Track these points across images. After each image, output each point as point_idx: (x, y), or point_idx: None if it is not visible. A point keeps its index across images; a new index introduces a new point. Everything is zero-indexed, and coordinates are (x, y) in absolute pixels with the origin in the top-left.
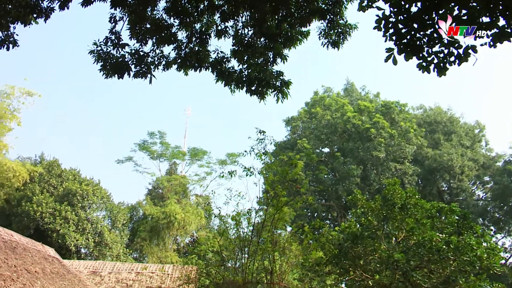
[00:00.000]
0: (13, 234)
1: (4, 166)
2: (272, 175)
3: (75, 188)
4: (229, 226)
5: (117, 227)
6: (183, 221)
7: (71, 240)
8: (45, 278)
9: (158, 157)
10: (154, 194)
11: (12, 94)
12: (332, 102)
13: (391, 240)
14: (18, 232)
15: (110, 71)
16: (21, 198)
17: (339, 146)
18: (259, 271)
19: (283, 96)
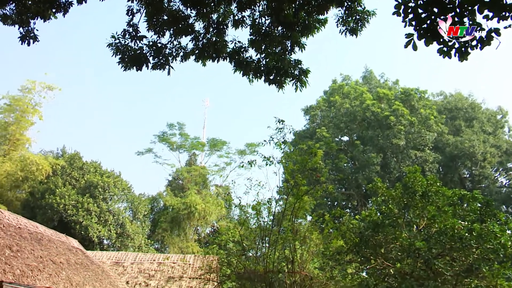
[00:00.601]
0: (38, 226)
1: (28, 159)
2: (292, 164)
3: (96, 180)
4: (249, 215)
5: (138, 218)
6: (204, 212)
7: (94, 231)
8: (70, 268)
9: (178, 148)
10: (174, 185)
11: (33, 88)
12: (350, 90)
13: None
14: (43, 224)
15: (129, 63)
16: (44, 191)
17: (358, 134)
18: (280, 260)
19: (302, 85)
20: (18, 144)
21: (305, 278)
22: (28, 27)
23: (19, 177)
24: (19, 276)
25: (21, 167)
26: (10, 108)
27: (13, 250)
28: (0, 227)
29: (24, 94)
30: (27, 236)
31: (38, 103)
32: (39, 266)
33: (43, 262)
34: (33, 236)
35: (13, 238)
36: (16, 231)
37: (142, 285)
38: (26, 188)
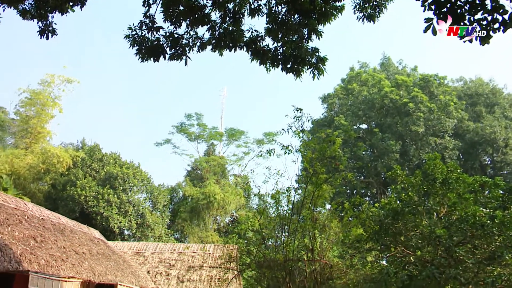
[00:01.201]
0: (60, 217)
1: (49, 152)
2: (311, 153)
3: (116, 171)
4: (268, 204)
5: (158, 209)
6: (223, 201)
7: (115, 222)
8: (92, 258)
9: (196, 139)
10: (193, 175)
11: (52, 82)
12: (368, 77)
13: (432, 215)
14: (65, 215)
15: (146, 54)
16: (65, 182)
17: (377, 122)
18: (300, 248)
19: (319, 73)
20: (39, 137)
21: (325, 266)
22: (46, 21)
23: (41, 170)
24: (44, 266)
25: (43, 160)
26: (30, 102)
27: (38, 241)
28: (25, 218)
29: (44, 87)
30: (50, 227)
31: (57, 96)
32: (62, 256)
33: (66, 253)
34: (56, 227)
35: (37, 229)
36: (39, 222)
37: (163, 274)
38: (48, 180)
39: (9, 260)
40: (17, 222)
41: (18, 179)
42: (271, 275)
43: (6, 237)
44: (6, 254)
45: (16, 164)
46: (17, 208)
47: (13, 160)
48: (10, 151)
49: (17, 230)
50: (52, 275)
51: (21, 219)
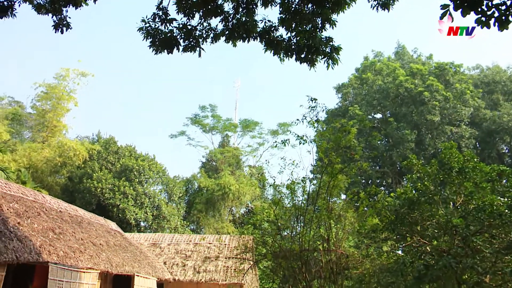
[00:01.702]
0: (77, 210)
1: (65, 145)
2: (326, 143)
3: (131, 164)
4: (284, 195)
5: (174, 200)
6: (238, 192)
7: (131, 214)
8: (109, 250)
9: (210, 130)
10: (208, 166)
11: (67, 76)
12: (383, 66)
13: (449, 205)
14: (82, 207)
15: (160, 46)
16: (82, 175)
17: (391, 111)
18: (315, 239)
19: (334, 62)
20: (55, 130)
21: (341, 256)
22: (61, 15)
23: (58, 163)
24: (63, 257)
25: (59, 153)
26: (46, 96)
27: (56, 233)
28: (43, 210)
29: (59, 81)
30: (68, 219)
31: (72, 89)
32: (80, 247)
33: (84, 244)
34: (73, 219)
35: (55, 221)
36: (57, 215)
37: (179, 265)
38: (64, 173)
39: (30, 252)
40: (36, 215)
41: (36, 172)
42: (287, 265)
43: (26, 229)
44: (27, 246)
45: (33, 158)
46: (36, 201)
47: (30, 153)
48: (28, 145)
49: (36, 222)
50: (70, 266)
51: (39, 212)
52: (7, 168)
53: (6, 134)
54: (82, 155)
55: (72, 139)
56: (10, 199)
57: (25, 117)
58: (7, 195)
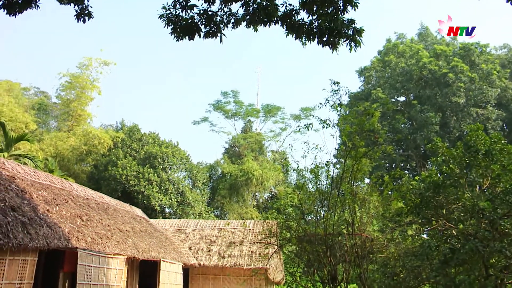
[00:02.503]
0: (103, 197)
1: (90, 134)
2: (349, 127)
3: (155, 151)
4: (307, 179)
5: (198, 186)
6: (261, 178)
7: (156, 200)
8: (136, 236)
9: (233, 116)
10: (231, 152)
11: (90, 65)
12: (406, 48)
13: (475, 188)
14: (108, 194)
15: (181, 33)
16: (107, 163)
17: (415, 93)
18: (340, 223)
19: (356, 45)
20: (80, 119)
21: (366, 240)
22: (82, 5)
23: (83, 151)
24: (91, 243)
25: (84, 141)
26: (70, 85)
27: (84, 220)
28: (71, 198)
29: (82, 70)
30: (94, 206)
31: (96, 78)
32: (107, 234)
33: (111, 230)
34: (100, 206)
35: (83, 208)
36: (84, 202)
37: (204, 251)
38: (90, 161)
39: (59, 238)
40: (64, 202)
41: (62, 160)
42: (311, 249)
43: (55, 216)
44: (56, 232)
45: (59, 146)
46: (63, 189)
47: (57, 142)
48: (54, 134)
49: (64, 209)
50: (98, 252)
51: (67, 199)
52: (35, 157)
53: (33, 124)
54: (107, 143)
55: (97, 128)
56: (39, 187)
57: (51, 107)
58: (36, 183)
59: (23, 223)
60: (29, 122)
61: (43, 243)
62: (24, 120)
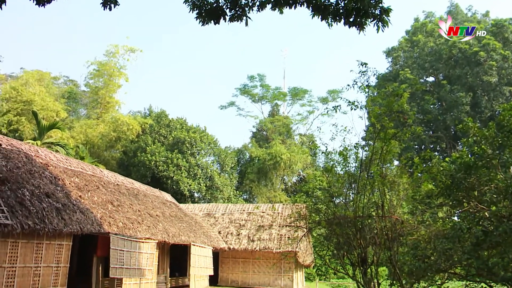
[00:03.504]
0: (133, 182)
1: (119, 120)
2: (377, 108)
3: (183, 136)
4: (336, 162)
5: (226, 171)
6: (289, 161)
7: (185, 185)
8: (166, 220)
9: (260, 100)
10: (258, 136)
11: (117, 52)
12: (434, 27)
13: (508, 169)
14: (137, 180)
15: (206, 17)
16: (136, 149)
17: (444, 73)
18: (369, 205)
19: (384, 25)
20: (108, 106)
21: (396, 223)
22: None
23: (113, 138)
24: (122, 228)
25: (113, 128)
26: (98, 73)
27: (115, 205)
28: (102, 184)
29: (109, 58)
30: (125, 192)
31: (123, 66)
32: (138, 219)
33: (141, 215)
34: (130, 191)
35: (113, 194)
36: (115, 188)
37: (234, 234)
38: (119, 147)
39: (92, 223)
40: (95, 188)
41: (93, 147)
42: (341, 232)
43: (87, 202)
44: (89, 218)
45: (89, 134)
46: (94, 175)
47: (86, 130)
48: (84, 122)
49: (96, 195)
50: (130, 236)
51: (98, 185)
52: (67, 145)
53: (63, 112)
54: (135, 130)
55: (125, 114)
56: (71, 174)
57: (80, 95)
58: (68, 170)
59: (58, 209)
60: (59, 111)
61: (76, 228)
62: (55, 108)
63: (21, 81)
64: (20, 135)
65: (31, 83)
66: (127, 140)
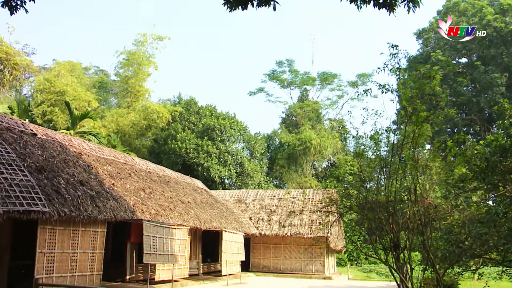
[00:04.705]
0: (165, 170)
1: (149, 109)
2: (409, 91)
3: (213, 123)
4: (366, 146)
5: (256, 157)
6: (319, 146)
7: (215, 172)
8: (197, 207)
9: (289, 85)
10: (288, 122)
11: (145, 41)
12: (467, 6)
13: None
14: (168, 167)
15: (234, 3)
16: (166, 137)
17: (478, 54)
18: (401, 190)
19: (415, 5)
20: (138, 95)
21: (429, 207)
22: None
23: (143, 126)
24: (155, 215)
25: (144, 116)
26: (128, 63)
27: (147, 192)
28: (134, 172)
29: (138, 47)
30: (156, 179)
31: (151, 54)
32: (170, 205)
33: (173, 202)
34: (161, 179)
35: (145, 181)
36: (147, 175)
37: (265, 220)
38: (150, 135)
39: (125, 210)
40: (127, 176)
41: (124, 136)
42: (373, 216)
43: (120, 189)
44: (122, 205)
45: (120, 123)
46: (126, 163)
47: (117, 119)
48: (115, 111)
49: (128, 183)
50: (162, 223)
51: (130, 173)
52: (99, 134)
53: (95, 102)
54: (165, 117)
55: (155, 103)
56: (104, 162)
57: (110, 84)
58: (101, 159)
59: (92, 196)
60: (91, 100)
61: (110, 215)
62: (86, 98)
63: (53, 73)
64: (54, 125)
65: (63, 74)
66: (157, 128)
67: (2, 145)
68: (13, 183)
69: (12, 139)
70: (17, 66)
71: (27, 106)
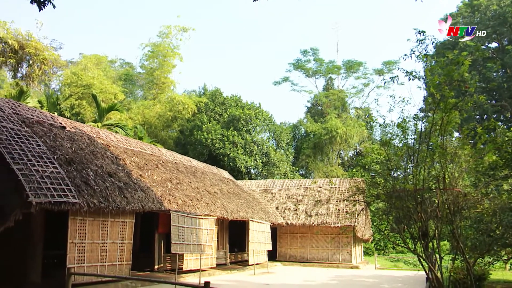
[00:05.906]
0: (191, 160)
1: (174, 100)
2: (437, 77)
3: (238, 113)
4: (393, 134)
5: (282, 147)
6: (345, 135)
7: (241, 162)
8: (224, 197)
9: (314, 74)
10: (313, 111)
11: (169, 33)
12: None
13: None
14: (194, 158)
15: None
16: (192, 128)
17: (509, 38)
18: (429, 178)
19: None
20: (164, 87)
21: (458, 195)
22: None
23: (169, 117)
24: (182, 206)
25: (169, 108)
26: (153, 55)
27: (174, 183)
28: (160, 163)
29: (163, 39)
30: (183, 170)
31: (176, 46)
32: (197, 196)
33: (200, 193)
34: (188, 169)
35: (172, 172)
36: (173, 166)
37: (291, 210)
38: (176, 126)
39: (152, 201)
40: (154, 167)
41: (150, 127)
42: (401, 205)
43: (147, 180)
44: (149, 196)
45: (146, 114)
46: (153, 154)
47: (144, 110)
48: (141, 103)
49: (156, 174)
50: (190, 213)
51: (157, 164)
52: (125, 126)
53: (121, 95)
54: (191, 108)
55: (180, 94)
56: (131, 154)
57: (136, 76)
58: (128, 150)
59: (120, 187)
60: (117, 93)
61: (138, 206)
62: (112, 91)
63: (80, 66)
64: (82, 118)
65: (90, 67)
66: (183, 119)
67: (33, 138)
68: (44, 175)
69: (43, 132)
70: (46, 60)
71: (56, 100)
